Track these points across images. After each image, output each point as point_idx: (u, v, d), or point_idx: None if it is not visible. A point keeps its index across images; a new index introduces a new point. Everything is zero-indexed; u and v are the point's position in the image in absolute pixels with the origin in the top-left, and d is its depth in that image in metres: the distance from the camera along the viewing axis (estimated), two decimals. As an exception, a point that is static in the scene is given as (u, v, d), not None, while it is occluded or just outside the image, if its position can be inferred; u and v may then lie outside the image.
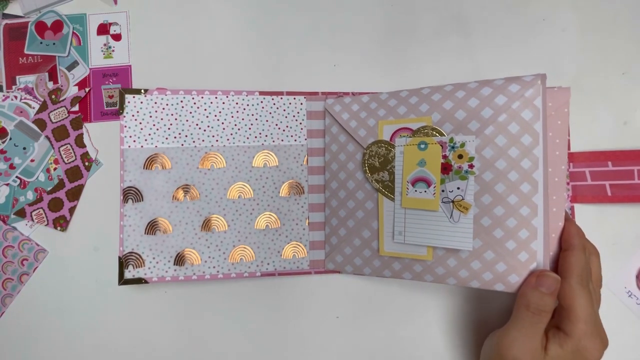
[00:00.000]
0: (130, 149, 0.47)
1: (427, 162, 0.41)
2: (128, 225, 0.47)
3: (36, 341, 0.50)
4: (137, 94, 0.48)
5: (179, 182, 0.48)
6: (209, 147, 0.48)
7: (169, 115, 0.48)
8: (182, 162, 0.48)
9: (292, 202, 0.49)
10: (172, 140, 0.48)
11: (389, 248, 0.44)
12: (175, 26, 0.52)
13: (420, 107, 0.43)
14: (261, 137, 0.49)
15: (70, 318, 0.50)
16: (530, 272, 0.38)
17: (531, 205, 0.38)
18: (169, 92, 0.48)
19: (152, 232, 0.47)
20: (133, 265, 0.46)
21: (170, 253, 0.47)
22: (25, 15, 0.52)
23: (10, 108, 0.50)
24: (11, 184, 0.50)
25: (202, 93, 0.49)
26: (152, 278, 0.47)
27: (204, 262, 0.48)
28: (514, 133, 0.38)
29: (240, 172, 0.49)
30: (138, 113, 0.48)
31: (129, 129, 0.47)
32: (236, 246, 0.48)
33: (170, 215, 0.47)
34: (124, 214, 0.47)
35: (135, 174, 0.47)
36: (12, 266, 0.50)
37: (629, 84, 0.50)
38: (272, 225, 0.49)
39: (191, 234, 0.48)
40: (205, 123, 0.48)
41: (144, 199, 0.47)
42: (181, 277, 0.47)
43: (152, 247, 0.47)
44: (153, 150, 0.48)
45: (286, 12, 0.52)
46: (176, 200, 0.48)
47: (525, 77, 0.39)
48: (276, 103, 0.50)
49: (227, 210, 0.48)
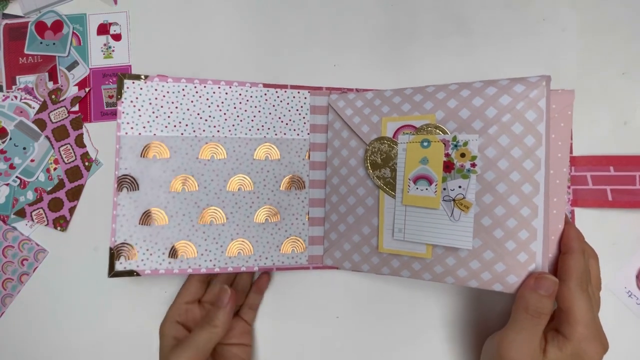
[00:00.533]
0: (127, 135, 0.45)
1: (429, 160, 0.41)
2: (122, 214, 0.45)
3: (36, 341, 0.49)
4: (137, 79, 0.46)
5: (177, 172, 0.46)
6: (209, 137, 0.47)
7: (169, 103, 0.47)
8: (181, 152, 0.47)
9: (292, 196, 0.49)
10: (171, 129, 0.47)
11: (388, 245, 0.44)
12: (176, 26, 0.52)
13: (425, 105, 0.43)
14: (263, 130, 0.49)
15: (70, 318, 0.49)
16: (529, 274, 0.38)
17: (532, 206, 0.38)
18: (170, 79, 0.47)
19: (146, 223, 0.45)
20: (125, 256, 0.45)
21: (165, 245, 0.46)
22: (25, 15, 0.51)
23: (10, 108, 0.50)
24: (11, 184, 0.50)
25: (205, 82, 0.47)
26: (144, 270, 0.45)
27: (200, 255, 0.46)
28: (518, 133, 0.38)
29: (241, 164, 0.48)
30: (137, 99, 0.46)
31: (126, 115, 0.46)
32: (234, 239, 0.47)
33: (166, 205, 0.46)
34: (118, 203, 0.45)
35: (131, 162, 0.45)
36: (12, 266, 0.50)
37: (629, 84, 0.50)
38: (272, 219, 0.48)
39: (188, 225, 0.46)
40: (207, 113, 0.47)
41: (139, 188, 0.45)
42: (175, 270, 0.45)
43: (146, 238, 0.45)
44: (151, 138, 0.46)
45: (286, 13, 0.52)
46: (174, 191, 0.46)
47: (530, 78, 0.38)
48: (280, 96, 0.49)
49: (226, 202, 0.47)
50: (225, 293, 0.42)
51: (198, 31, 0.52)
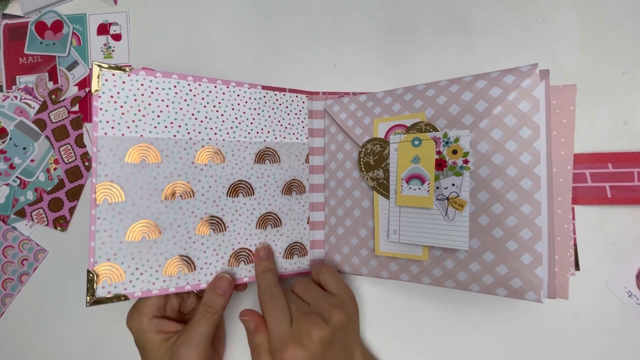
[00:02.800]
0: (107, 136, 0.39)
1: (421, 159, 0.40)
2: (102, 230, 0.38)
3: (36, 341, 0.50)
4: (118, 71, 0.40)
5: (170, 179, 0.41)
6: (206, 140, 0.43)
7: (158, 100, 0.41)
8: (174, 156, 0.42)
9: (293, 201, 0.48)
10: (161, 129, 0.41)
11: (385, 248, 0.43)
12: (175, 26, 0.52)
13: (414, 104, 0.42)
14: (263, 133, 0.46)
15: (70, 318, 0.50)
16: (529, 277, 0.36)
17: (533, 202, 0.36)
18: (159, 74, 0.42)
19: (135, 238, 0.39)
20: (109, 279, 0.38)
21: (158, 261, 0.40)
22: (25, 15, 0.52)
23: (10, 108, 0.51)
24: (11, 184, 0.50)
25: (200, 80, 0.43)
26: (134, 293, 0.39)
27: (200, 270, 0.42)
28: (511, 126, 0.36)
29: (240, 169, 0.45)
30: (119, 95, 0.40)
31: (105, 112, 0.39)
32: (235, 249, 0.44)
33: (158, 217, 0.41)
34: (97, 217, 0.38)
35: (113, 168, 0.39)
36: (12, 266, 0.50)
37: (629, 84, 0.49)
38: (274, 226, 0.47)
39: (184, 238, 0.42)
40: (203, 113, 0.43)
41: (124, 198, 0.39)
42: (172, 288, 0.41)
43: (136, 255, 0.39)
44: (137, 140, 0.40)
45: (286, 13, 0.53)
46: (167, 200, 0.41)
47: (521, 67, 0.37)
48: (279, 99, 0.48)
49: (226, 210, 0.44)
50: (225, 280, 0.42)
51: (198, 31, 0.53)
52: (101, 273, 0.38)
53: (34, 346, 0.50)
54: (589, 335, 0.47)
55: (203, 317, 0.40)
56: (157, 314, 0.42)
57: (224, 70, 0.52)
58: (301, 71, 0.52)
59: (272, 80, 0.51)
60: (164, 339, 0.41)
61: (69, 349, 0.50)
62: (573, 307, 0.47)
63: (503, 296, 0.37)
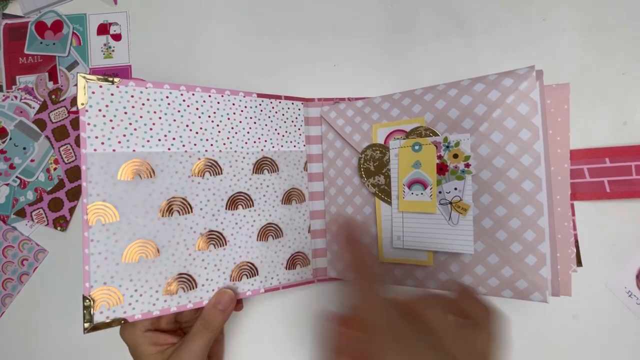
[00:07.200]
0: (97, 153, 0.37)
1: (422, 164, 0.40)
2: (97, 252, 0.36)
3: (36, 341, 0.50)
4: (106, 82, 0.37)
5: (166, 194, 0.39)
6: (202, 152, 0.42)
7: (150, 112, 0.39)
8: (169, 170, 0.40)
9: (293, 210, 0.47)
10: (155, 143, 0.39)
11: (389, 254, 0.43)
12: (175, 26, 0.52)
13: (413, 108, 0.42)
14: (260, 142, 0.45)
15: (69, 318, 0.50)
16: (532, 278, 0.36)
17: (535, 204, 0.36)
18: (150, 84, 0.39)
19: (132, 259, 0.38)
20: (107, 303, 0.36)
21: (158, 281, 0.39)
22: (25, 15, 0.52)
23: (10, 108, 0.51)
24: (11, 184, 0.50)
25: (193, 89, 0.42)
26: (134, 316, 0.37)
27: (201, 287, 0.41)
28: (511, 129, 0.37)
29: (239, 180, 0.44)
30: (107, 108, 0.37)
31: (94, 127, 0.37)
32: (237, 263, 0.43)
33: (156, 235, 0.39)
34: (90, 239, 0.36)
35: (105, 187, 0.37)
36: (12, 266, 0.50)
37: (629, 84, 0.50)
38: (275, 237, 0.46)
39: (184, 255, 0.40)
40: (197, 124, 0.42)
41: (119, 218, 0.37)
42: (173, 308, 0.39)
43: (134, 276, 0.37)
44: (130, 155, 0.38)
45: (286, 13, 0.53)
46: (164, 217, 0.39)
47: (518, 70, 0.37)
48: (275, 107, 0.47)
49: (225, 224, 0.43)
50: (226, 295, 0.41)
51: (198, 31, 0.52)
52: (98, 298, 0.36)
53: (33, 346, 0.50)
54: (589, 335, 0.48)
55: (200, 334, 0.39)
56: (150, 327, 0.41)
57: (224, 69, 0.52)
58: (301, 72, 0.52)
59: (272, 79, 0.51)
60: (160, 351, 0.40)
61: (69, 349, 0.50)
62: (573, 307, 0.48)
63: (509, 298, 0.37)
